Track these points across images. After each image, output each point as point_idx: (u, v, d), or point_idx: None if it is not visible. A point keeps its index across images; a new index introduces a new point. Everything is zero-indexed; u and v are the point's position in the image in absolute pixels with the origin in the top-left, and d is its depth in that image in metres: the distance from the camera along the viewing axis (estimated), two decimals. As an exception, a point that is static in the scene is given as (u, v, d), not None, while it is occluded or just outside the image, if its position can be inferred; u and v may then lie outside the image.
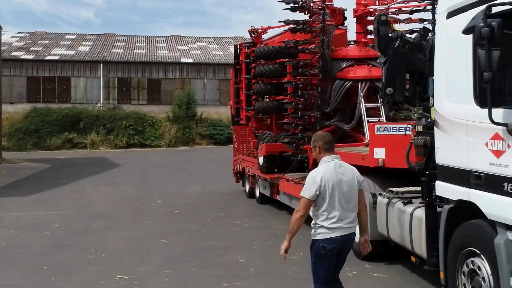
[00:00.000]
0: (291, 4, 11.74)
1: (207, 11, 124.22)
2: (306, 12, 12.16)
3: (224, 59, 45.73)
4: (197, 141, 40.79)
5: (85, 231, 11.79)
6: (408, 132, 7.77)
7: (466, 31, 5.15)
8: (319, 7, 11.75)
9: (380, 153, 8.23)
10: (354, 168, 5.42)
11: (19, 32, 51.03)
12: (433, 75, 6.60)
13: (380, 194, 8.19)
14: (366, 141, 10.98)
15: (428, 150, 6.64)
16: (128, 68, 43.99)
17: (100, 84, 43.25)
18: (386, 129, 8.23)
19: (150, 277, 8.19)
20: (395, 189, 7.82)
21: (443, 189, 6.10)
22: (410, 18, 11.88)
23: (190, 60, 45.51)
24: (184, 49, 48.19)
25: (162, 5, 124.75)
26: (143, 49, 47.19)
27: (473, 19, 5.08)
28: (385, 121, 10.96)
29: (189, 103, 41.12)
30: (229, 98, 43.42)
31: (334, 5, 12.90)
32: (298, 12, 11.92)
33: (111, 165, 28.79)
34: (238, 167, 17.30)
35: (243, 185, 17.16)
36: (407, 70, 7.92)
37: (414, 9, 11.84)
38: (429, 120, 6.82)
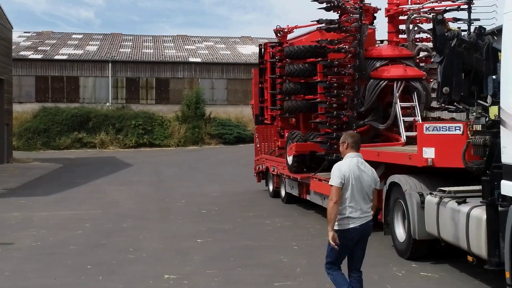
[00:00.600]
0: (325, 4, 11.71)
1: (207, 11, 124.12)
2: (338, 11, 12.14)
3: (232, 59, 45.76)
4: (206, 140, 40.72)
5: (117, 231, 11.77)
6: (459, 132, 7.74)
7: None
8: (353, 7, 11.72)
9: (429, 153, 8.17)
10: (373, 168, 6.00)
11: (26, 32, 50.93)
12: (491, 74, 6.57)
13: (431, 193, 8.12)
14: (402, 140, 10.99)
15: (489, 149, 6.59)
16: (137, 68, 43.93)
17: (109, 84, 43.19)
18: (435, 129, 8.17)
19: (198, 276, 8.16)
20: (447, 189, 7.76)
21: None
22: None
23: (198, 60, 45.44)
24: (191, 49, 48.13)
25: (162, 5, 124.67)
26: (150, 49, 47.12)
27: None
28: (420, 121, 10.95)
29: (197, 103, 41.04)
30: (238, 98, 43.69)
31: (369, 4, 12.85)
32: (332, 11, 11.90)
33: (122, 165, 28.80)
34: (261, 167, 17.23)
35: (267, 184, 17.10)
36: (463, 69, 7.90)
37: (447, 8, 11.85)
38: (487, 119, 6.80)
